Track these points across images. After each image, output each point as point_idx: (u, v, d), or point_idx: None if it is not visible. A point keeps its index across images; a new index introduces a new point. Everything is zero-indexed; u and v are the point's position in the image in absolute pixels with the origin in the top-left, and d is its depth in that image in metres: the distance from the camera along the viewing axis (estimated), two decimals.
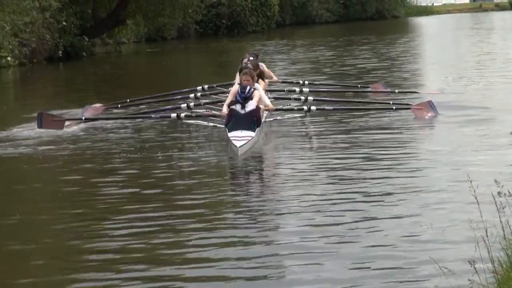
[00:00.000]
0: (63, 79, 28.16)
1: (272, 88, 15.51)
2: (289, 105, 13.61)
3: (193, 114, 12.54)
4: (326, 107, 13.12)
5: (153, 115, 12.56)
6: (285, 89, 15.46)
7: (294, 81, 16.97)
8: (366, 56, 29.03)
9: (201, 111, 13.10)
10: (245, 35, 50.69)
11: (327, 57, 29.69)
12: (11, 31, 29.10)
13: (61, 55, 33.43)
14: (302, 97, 13.71)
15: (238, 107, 11.53)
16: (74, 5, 34.72)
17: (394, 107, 13.54)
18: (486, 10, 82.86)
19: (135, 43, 45.68)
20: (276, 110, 12.70)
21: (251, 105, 11.54)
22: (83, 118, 12.58)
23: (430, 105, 14.02)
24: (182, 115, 12.23)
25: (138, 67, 33.36)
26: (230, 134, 11.03)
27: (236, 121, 11.28)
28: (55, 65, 32.15)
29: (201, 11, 44.08)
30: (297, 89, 15.17)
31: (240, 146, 10.52)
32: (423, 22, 64.83)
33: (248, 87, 11.62)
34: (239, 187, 9.08)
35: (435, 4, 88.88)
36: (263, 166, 10.47)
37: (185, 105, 13.15)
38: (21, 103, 20.31)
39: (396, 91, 16.10)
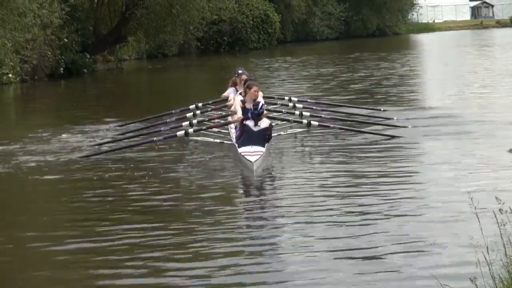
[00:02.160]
0: (64, 96, 28.14)
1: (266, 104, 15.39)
2: (285, 117, 13.49)
3: (203, 127, 12.28)
4: (329, 124, 13.12)
5: (155, 138, 12.16)
6: (278, 102, 15.26)
7: (279, 96, 16.66)
8: (366, 73, 29.00)
9: (206, 125, 12.70)
10: (246, 52, 50.76)
11: (326, 74, 29.68)
12: (13, 48, 29.16)
13: (62, 72, 33.52)
14: (297, 112, 13.67)
15: (250, 123, 11.40)
16: (75, 22, 34.84)
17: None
18: (487, 27, 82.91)
19: (136, 60, 45.78)
20: (269, 117, 12.42)
21: (264, 123, 11.47)
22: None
23: None
24: (190, 130, 11.90)
25: (139, 84, 33.38)
26: (240, 150, 10.97)
27: (248, 137, 11.21)
28: (57, 82, 32.19)
29: (202, 28, 44.06)
30: (290, 104, 15.02)
31: (254, 161, 10.51)
32: (424, 39, 64.96)
33: (261, 104, 11.47)
34: (251, 200, 9.20)
35: (436, 21, 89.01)
36: (274, 180, 10.43)
37: (187, 122, 12.65)
38: (20, 120, 20.34)
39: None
